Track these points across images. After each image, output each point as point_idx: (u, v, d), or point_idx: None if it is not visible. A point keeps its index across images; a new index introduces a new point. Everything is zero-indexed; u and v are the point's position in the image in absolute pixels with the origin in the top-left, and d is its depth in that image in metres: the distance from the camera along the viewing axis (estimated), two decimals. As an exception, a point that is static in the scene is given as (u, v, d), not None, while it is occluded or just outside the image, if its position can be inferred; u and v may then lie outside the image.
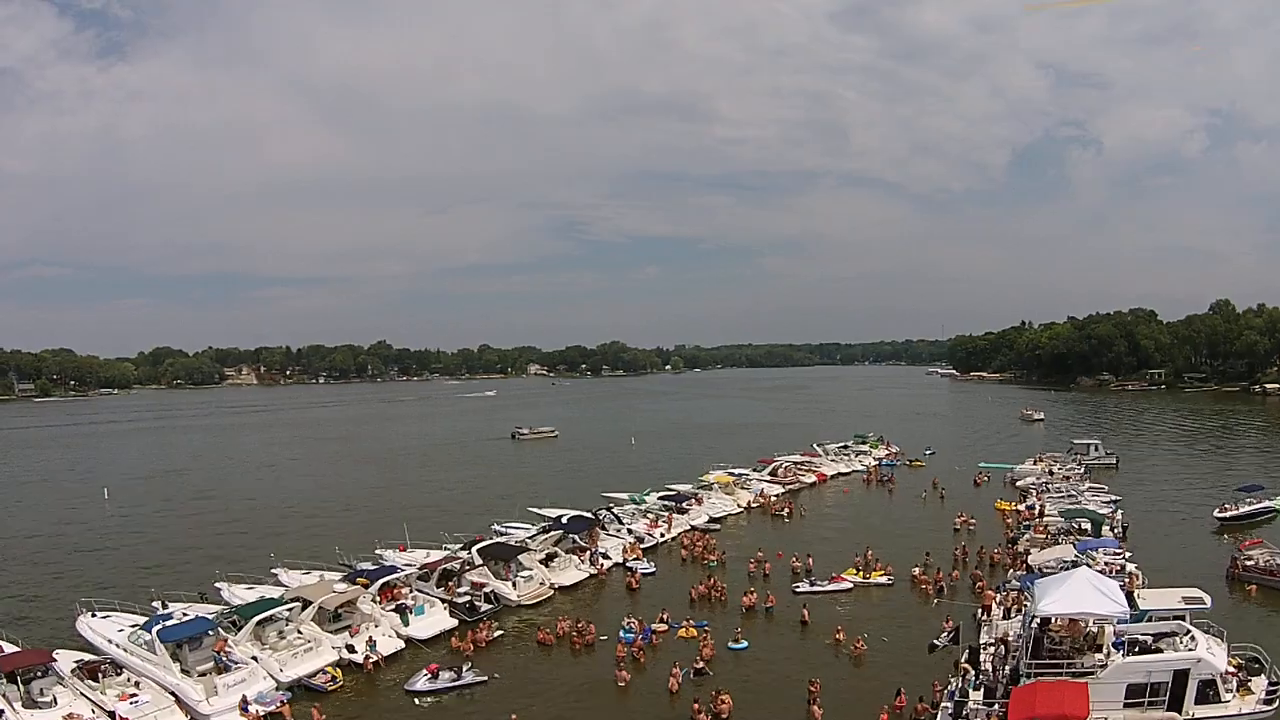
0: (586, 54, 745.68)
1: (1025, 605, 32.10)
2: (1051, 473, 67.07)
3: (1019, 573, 39.24)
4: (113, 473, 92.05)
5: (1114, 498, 56.31)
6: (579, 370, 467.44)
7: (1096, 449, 76.89)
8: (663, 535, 50.91)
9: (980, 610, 34.88)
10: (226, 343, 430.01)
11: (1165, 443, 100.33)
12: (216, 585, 40.06)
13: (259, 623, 32.22)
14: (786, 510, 59.58)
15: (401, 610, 35.33)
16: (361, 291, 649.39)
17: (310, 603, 33.86)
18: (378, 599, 36.28)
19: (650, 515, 54.26)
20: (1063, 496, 57.09)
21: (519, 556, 40.93)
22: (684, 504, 56.82)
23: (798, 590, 39.59)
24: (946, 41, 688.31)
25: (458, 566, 39.51)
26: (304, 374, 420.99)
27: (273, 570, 42.15)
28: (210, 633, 31.20)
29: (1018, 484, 66.01)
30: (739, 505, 60.77)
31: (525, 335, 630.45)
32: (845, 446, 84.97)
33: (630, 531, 50.30)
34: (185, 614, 33.23)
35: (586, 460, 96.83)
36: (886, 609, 37.31)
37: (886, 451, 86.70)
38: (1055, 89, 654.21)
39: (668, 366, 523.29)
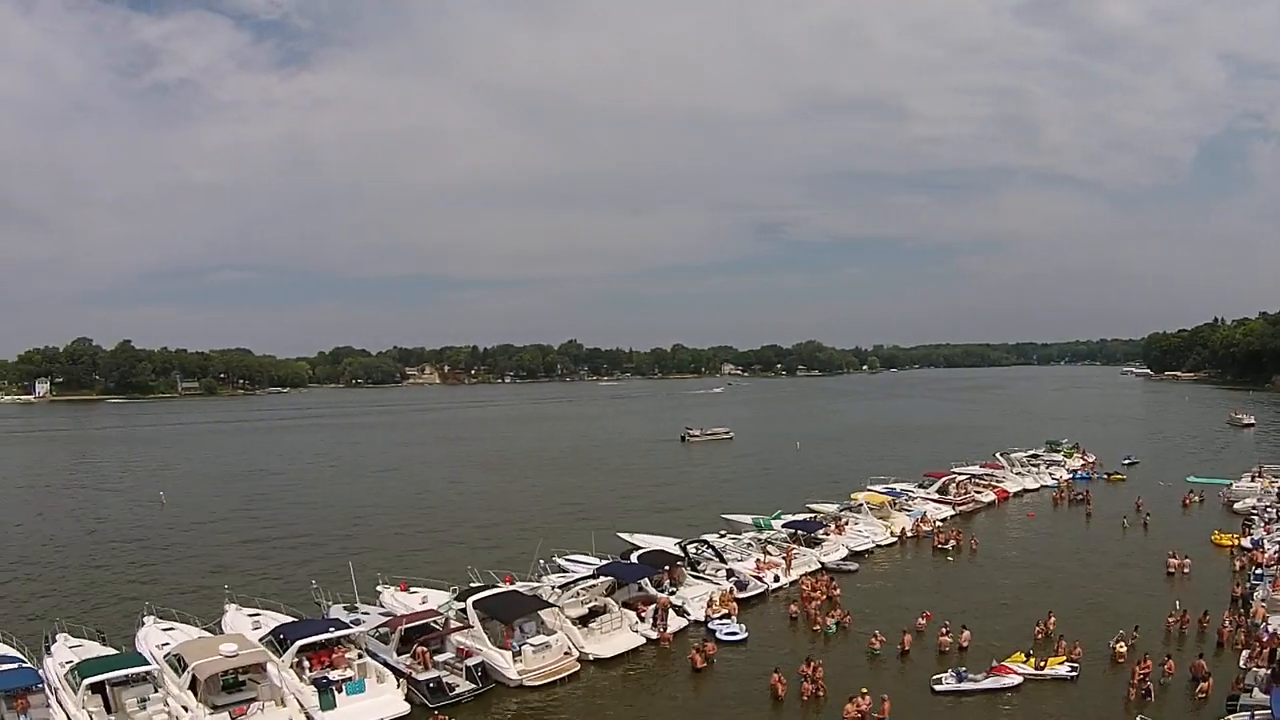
0: (778, 53, 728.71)
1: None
2: None
3: (1261, 671, 23.28)
4: (204, 472, 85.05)
5: None
6: (774, 370, 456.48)
7: None
8: (776, 579, 36.24)
9: None
10: (418, 344, 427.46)
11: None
12: (143, 619, 30.00)
13: (94, 687, 22.60)
14: (952, 542, 43.24)
15: (324, 685, 23.61)
16: (555, 293, 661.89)
17: (186, 666, 23.10)
18: (307, 664, 24.87)
19: (772, 548, 39.88)
20: None
21: (540, 613, 28.17)
22: (816, 532, 41.77)
23: (939, 688, 24.62)
24: (1130, 33, 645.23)
25: (440, 624, 27.47)
26: (489, 373, 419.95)
27: (227, 606, 31.55)
28: (37, 688, 22.83)
29: (1235, 506, 50.63)
30: (892, 534, 45.05)
31: (722, 335, 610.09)
32: (1035, 455, 70.26)
33: (730, 573, 35.98)
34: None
35: (744, 466, 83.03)
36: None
37: (1082, 461, 71.27)
38: (1236, 80, 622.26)
39: (864, 367, 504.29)
